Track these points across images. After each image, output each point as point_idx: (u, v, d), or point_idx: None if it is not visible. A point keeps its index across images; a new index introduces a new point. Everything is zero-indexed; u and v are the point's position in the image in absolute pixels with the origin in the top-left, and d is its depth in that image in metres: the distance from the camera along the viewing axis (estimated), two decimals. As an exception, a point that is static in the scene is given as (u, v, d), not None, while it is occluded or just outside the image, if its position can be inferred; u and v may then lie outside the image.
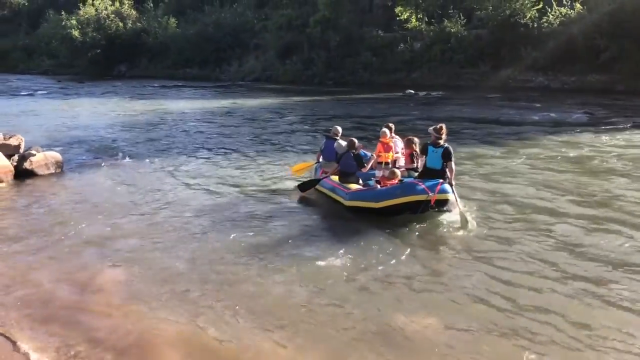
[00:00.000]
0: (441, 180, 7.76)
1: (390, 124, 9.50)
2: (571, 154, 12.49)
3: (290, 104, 26.16)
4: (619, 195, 8.83)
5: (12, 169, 10.60)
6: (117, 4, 58.45)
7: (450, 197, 7.79)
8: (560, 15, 32.78)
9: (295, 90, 34.07)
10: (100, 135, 16.25)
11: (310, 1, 43.52)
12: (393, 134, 9.41)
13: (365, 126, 17.52)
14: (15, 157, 10.92)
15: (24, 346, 4.64)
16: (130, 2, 59.85)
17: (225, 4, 54.49)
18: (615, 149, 13.06)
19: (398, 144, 9.34)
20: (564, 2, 32.34)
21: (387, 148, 8.91)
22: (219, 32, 49.80)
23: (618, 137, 14.73)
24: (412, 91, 29.42)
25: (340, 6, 41.10)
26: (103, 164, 12.08)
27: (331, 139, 9.81)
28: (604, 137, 14.67)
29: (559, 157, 12.14)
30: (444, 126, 8.17)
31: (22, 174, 10.62)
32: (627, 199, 8.63)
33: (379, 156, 8.95)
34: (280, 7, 45.13)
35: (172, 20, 55.18)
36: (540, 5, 33.18)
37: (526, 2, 33.53)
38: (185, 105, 25.36)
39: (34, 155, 10.90)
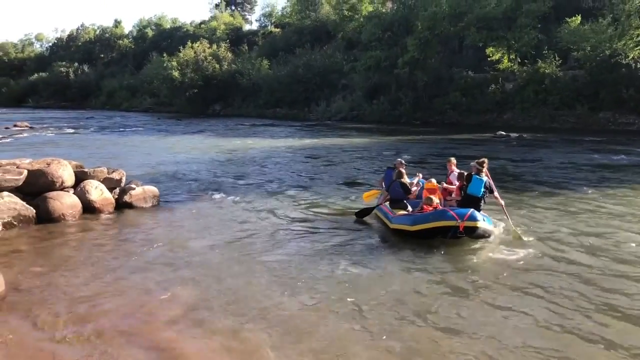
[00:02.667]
0: (472, 209, 8.38)
1: (452, 158, 10.69)
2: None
3: (375, 143, 26.18)
4: None
5: (114, 201, 11.20)
6: (214, 46, 61.80)
7: (480, 224, 8.32)
8: (667, 55, 30.97)
9: (382, 129, 34.17)
10: (195, 171, 16.91)
11: (399, 43, 43.85)
12: (454, 168, 10.35)
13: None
14: (117, 190, 11.54)
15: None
16: (226, 45, 63.15)
17: (316, 46, 56.14)
18: None
19: (456, 177, 10.00)
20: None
21: (432, 192, 9.50)
22: (308, 73, 51.20)
23: None
24: (504, 133, 28.56)
25: (430, 47, 41.11)
26: (196, 199, 12.50)
27: (391, 169, 10.46)
28: None
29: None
30: (486, 160, 9.28)
31: (122, 206, 11.19)
32: None
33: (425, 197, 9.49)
34: (369, 49, 45.78)
35: (265, 62, 57.53)
36: (645, 45, 31.54)
37: (629, 42, 31.96)
38: (274, 143, 26.04)
39: (134, 189, 11.47)
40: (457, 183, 9.82)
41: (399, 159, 10.85)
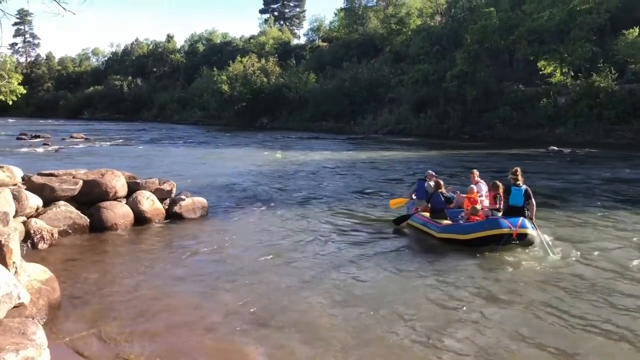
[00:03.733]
0: (522, 217, 8.87)
1: (474, 170, 10.95)
2: None
3: (421, 157, 25.86)
4: None
5: (164, 211, 11.43)
6: (263, 61, 62.76)
7: (530, 231, 8.81)
8: None
9: (429, 143, 33.82)
10: (242, 183, 17.11)
11: (448, 56, 43.46)
12: (478, 178, 10.65)
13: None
14: (167, 201, 11.77)
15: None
16: (274, 59, 64.00)
17: (363, 60, 56.25)
18: None
19: (483, 187, 10.38)
20: None
21: (474, 202, 9.80)
22: (355, 86, 51.33)
23: None
24: (556, 148, 27.80)
25: (479, 61, 40.56)
26: (243, 210, 12.61)
27: (423, 180, 11.03)
28: None
29: None
30: (519, 169, 9.44)
31: (172, 217, 11.40)
32: None
33: (467, 207, 9.80)
34: (417, 62, 45.55)
35: (312, 75, 57.98)
36: None
37: (691, 53, 30.70)
38: (319, 156, 26.12)
39: (184, 199, 11.67)
40: (486, 192, 10.19)
41: (430, 171, 11.33)
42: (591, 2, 36.27)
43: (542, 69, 38.08)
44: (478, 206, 9.54)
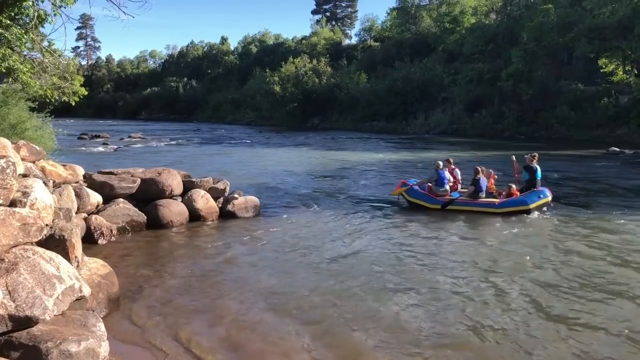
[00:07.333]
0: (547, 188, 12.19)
1: (450, 158, 13.26)
2: None
3: (475, 157, 25.24)
4: None
5: (218, 210, 11.65)
6: (314, 61, 63.06)
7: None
8: None
9: (483, 144, 33.14)
10: (294, 182, 17.23)
11: (503, 54, 42.49)
12: (453, 166, 12.90)
13: (561, 182, 16.23)
14: (221, 200, 12.00)
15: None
16: (326, 60, 64.20)
17: (415, 59, 55.66)
18: None
19: (458, 172, 12.97)
20: None
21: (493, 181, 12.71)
22: (407, 86, 50.87)
23: None
24: (617, 149, 26.70)
25: (536, 59, 39.47)
26: (294, 210, 12.67)
27: (441, 169, 12.55)
28: None
29: None
30: (537, 154, 12.68)
31: (225, 215, 11.60)
32: None
33: (492, 186, 12.63)
34: (471, 61, 44.71)
35: (363, 75, 57.81)
36: None
37: None
38: (370, 157, 25.99)
39: (237, 198, 11.86)
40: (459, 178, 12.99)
41: (439, 161, 12.79)
42: (657, -4, 34.68)
43: (603, 67, 36.69)
44: (514, 185, 12.36)
